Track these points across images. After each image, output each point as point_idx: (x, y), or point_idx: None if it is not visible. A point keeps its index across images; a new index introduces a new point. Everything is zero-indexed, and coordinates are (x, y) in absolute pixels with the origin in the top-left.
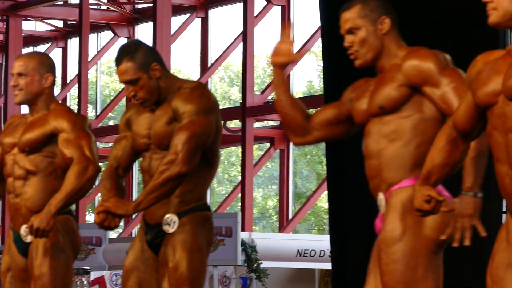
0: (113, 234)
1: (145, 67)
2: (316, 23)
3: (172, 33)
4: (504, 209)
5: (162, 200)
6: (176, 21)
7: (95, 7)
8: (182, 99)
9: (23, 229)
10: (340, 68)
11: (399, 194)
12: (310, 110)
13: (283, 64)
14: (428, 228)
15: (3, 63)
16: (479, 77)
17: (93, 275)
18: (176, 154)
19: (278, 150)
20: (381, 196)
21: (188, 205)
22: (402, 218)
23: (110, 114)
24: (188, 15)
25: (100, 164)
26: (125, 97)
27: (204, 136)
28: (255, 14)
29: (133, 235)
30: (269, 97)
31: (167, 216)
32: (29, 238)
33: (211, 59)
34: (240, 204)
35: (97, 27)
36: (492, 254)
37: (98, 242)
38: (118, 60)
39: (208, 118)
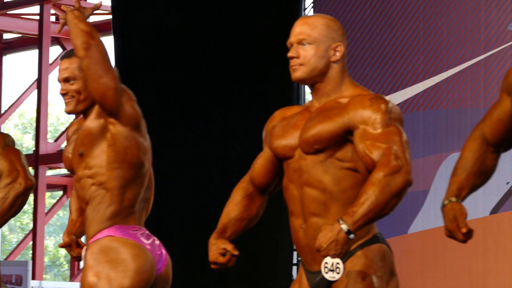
0: None
1: None
2: None
3: None
4: (294, 261)
5: None
6: None
7: None
8: None
9: None
10: None
11: (92, 247)
12: None
13: None
14: (121, 278)
15: None
16: (274, 131)
17: None
18: None
19: (70, 199)
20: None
21: None
22: (94, 271)
23: None
24: None
25: None
26: None
27: None
28: (50, 62)
29: None
30: (62, 145)
31: None
32: None
33: (4, 106)
34: (31, 252)
35: None
36: None
37: None
38: None
39: None
